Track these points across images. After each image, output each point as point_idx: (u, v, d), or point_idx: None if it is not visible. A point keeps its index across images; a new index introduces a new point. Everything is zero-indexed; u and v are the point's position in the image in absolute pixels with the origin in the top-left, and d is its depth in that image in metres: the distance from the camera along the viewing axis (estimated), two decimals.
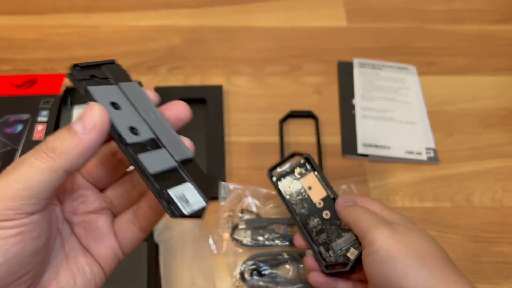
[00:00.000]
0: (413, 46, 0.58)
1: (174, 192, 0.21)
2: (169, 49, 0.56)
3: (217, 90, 0.50)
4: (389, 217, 0.31)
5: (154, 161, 0.21)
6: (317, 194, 0.36)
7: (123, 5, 0.60)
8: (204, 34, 0.57)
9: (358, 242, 0.33)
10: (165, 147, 0.22)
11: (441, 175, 0.46)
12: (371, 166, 0.47)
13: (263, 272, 0.39)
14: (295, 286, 0.38)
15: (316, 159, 0.47)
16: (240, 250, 0.40)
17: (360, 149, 0.47)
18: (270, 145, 0.48)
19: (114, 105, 0.22)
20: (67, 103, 0.47)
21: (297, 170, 0.37)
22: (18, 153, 0.42)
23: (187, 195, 0.21)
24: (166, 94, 0.50)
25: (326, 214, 0.35)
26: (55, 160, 0.19)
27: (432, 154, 0.48)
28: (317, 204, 0.36)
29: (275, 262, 0.39)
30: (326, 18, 0.60)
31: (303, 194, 0.36)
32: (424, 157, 0.47)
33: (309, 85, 0.53)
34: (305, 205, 0.36)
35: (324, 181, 0.36)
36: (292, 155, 0.38)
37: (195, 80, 0.53)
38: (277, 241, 0.40)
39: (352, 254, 0.32)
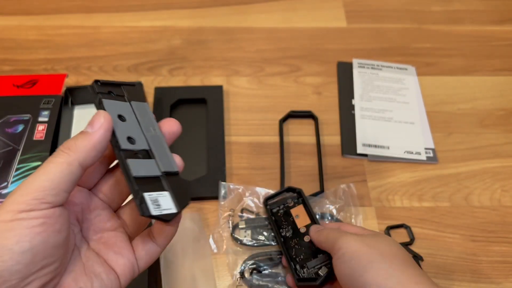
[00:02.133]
0: (412, 47, 0.58)
1: (149, 195, 0.23)
2: (169, 49, 0.56)
3: (218, 91, 0.51)
4: (364, 232, 0.34)
5: (140, 167, 0.24)
6: (303, 221, 0.40)
7: (124, 6, 0.60)
8: (205, 35, 0.58)
9: (330, 262, 0.36)
10: (154, 159, 0.25)
11: (440, 175, 0.46)
12: (371, 166, 0.47)
13: (264, 272, 0.39)
14: None
15: (316, 159, 0.47)
16: (240, 250, 0.40)
17: (360, 149, 0.47)
18: (270, 145, 0.48)
19: (121, 117, 0.25)
20: (68, 103, 0.48)
21: (289, 201, 0.42)
22: (19, 153, 0.43)
23: (161, 201, 0.24)
24: (167, 95, 0.50)
25: (307, 238, 0.39)
26: (70, 155, 0.22)
27: (431, 154, 0.48)
28: (300, 229, 0.40)
29: (276, 261, 0.39)
30: (326, 19, 0.60)
31: (291, 220, 0.41)
32: (423, 157, 0.48)
33: (308, 85, 0.53)
34: (290, 229, 0.40)
35: (310, 213, 0.41)
36: (288, 189, 0.42)
37: (196, 81, 0.53)
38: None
39: (323, 271, 0.37)
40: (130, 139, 0.25)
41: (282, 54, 0.56)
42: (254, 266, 0.39)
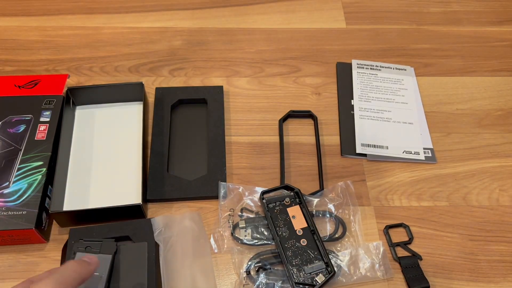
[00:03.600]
0: (411, 48, 0.58)
1: None
2: (170, 50, 0.56)
3: (218, 91, 0.51)
4: None
5: None
6: (299, 223, 0.41)
7: (125, 7, 0.60)
8: (205, 36, 0.58)
9: (326, 270, 0.38)
10: None
11: (439, 175, 0.47)
12: (370, 166, 0.47)
13: (269, 270, 0.39)
14: None
15: (315, 159, 0.47)
16: (241, 249, 0.41)
17: (359, 149, 0.48)
18: (270, 145, 0.48)
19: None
20: (69, 103, 0.48)
21: (287, 199, 0.42)
22: (21, 152, 0.43)
23: None
24: (167, 95, 0.50)
25: (303, 242, 0.40)
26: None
27: (429, 154, 0.48)
28: (297, 232, 0.40)
29: (280, 259, 0.39)
30: (325, 20, 0.61)
31: (287, 220, 0.41)
32: (421, 156, 0.48)
33: (308, 86, 0.54)
34: (287, 230, 0.41)
35: (307, 215, 0.41)
36: (285, 186, 0.43)
37: (196, 81, 0.54)
38: None
39: (320, 278, 0.37)
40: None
41: (281, 55, 0.57)
42: (260, 264, 0.39)
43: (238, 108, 0.51)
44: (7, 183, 0.41)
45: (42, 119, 0.45)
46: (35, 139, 0.44)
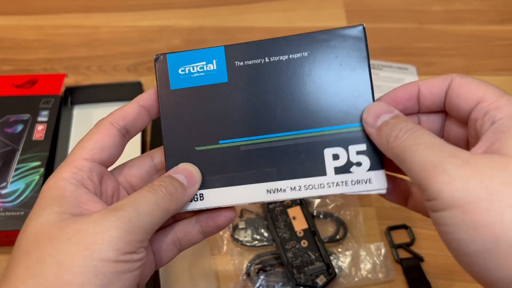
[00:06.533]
0: (413, 47, 0.58)
1: None
2: (169, 49, 0.56)
3: None
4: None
5: None
6: (300, 224, 0.41)
7: (123, 5, 0.60)
8: (204, 35, 0.58)
9: (327, 271, 0.38)
10: None
11: None
12: None
13: (269, 271, 0.39)
14: None
15: None
16: (241, 250, 0.40)
17: None
18: None
19: None
20: (67, 103, 0.48)
21: (287, 200, 0.41)
22: (18, 153, 0.43)
23: None
24: None
25: (304, 243, 0.39)
26: (172, 202, 0.21)
27: None
28: (298, 233, 0.40)
29: (280, 261, 0.39)
30: (326, 18, 0.60)
31: (288, 221, 0.41)
32: None
33: None
34: (288, 231, 0.40)
35: (308, 216, 0.41)
36: None
37: None
38: None
39: (321, 280, 0.37)
40: None
41: None
42: (260, 265, 0.39)
43: None
44: (5, 183, 0.41)
45: (40, 119, 0.45)
46: (33, 139, 0.43)
